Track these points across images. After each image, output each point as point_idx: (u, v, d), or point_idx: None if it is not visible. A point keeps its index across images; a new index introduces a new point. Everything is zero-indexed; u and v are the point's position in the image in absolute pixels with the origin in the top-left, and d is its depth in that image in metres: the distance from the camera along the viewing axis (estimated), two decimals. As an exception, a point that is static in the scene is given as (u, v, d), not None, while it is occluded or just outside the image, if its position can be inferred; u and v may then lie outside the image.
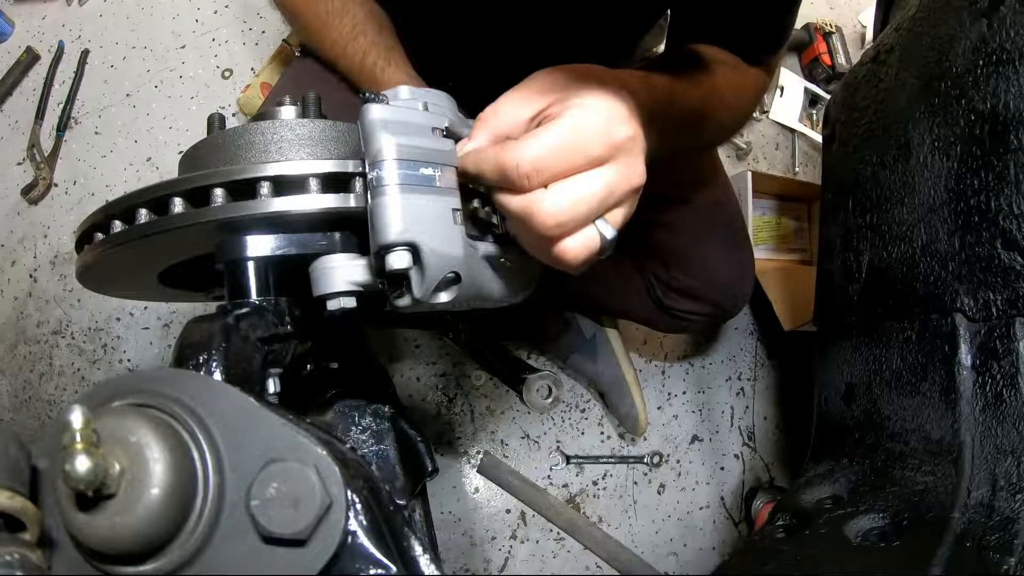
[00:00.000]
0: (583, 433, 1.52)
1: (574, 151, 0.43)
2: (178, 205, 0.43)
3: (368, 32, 0.81)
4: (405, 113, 0.43)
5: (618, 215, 0.46)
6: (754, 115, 1.70)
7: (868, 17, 1.67)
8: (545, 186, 0.43)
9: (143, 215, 0.44)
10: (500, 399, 1.50)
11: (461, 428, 1.49)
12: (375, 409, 0.57)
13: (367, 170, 0.41)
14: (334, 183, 0.43)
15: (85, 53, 1.58)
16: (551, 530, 1.45)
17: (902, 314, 0.76)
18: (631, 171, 0.45)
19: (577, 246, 0.45)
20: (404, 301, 0.43)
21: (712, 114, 0.68)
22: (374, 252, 0.41)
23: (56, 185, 1.54)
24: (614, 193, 0.45)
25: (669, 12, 0.88)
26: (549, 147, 0.42)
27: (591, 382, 1.50)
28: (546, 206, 0.43)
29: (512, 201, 0.44)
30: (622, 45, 1.03)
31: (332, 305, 0.46)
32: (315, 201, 0.42)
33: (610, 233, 0.46)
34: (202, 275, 0.57)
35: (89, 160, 1.55)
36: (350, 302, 0.46)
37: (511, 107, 0.46)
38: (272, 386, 0.47)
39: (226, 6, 1.64)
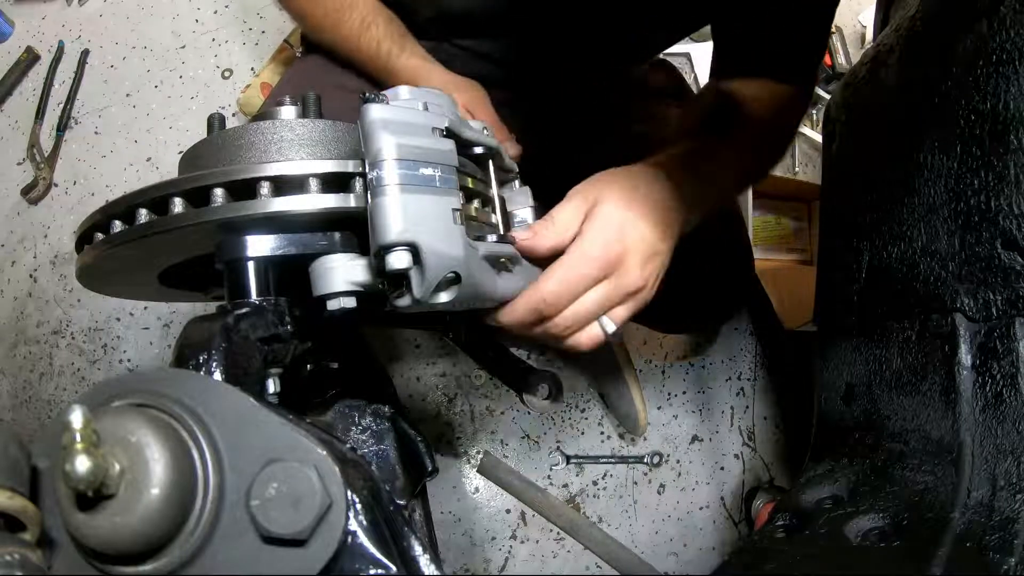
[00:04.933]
0: (583, 433, 1.52)
1: (576, 283, 0.53)
2: (178, 205, 0.43)
3: (379, 23, 0.83)
4: (405, 113, 0.43)
5: (619, 312, 0.57)
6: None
7: (868, 17, 1.67)
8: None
9: (143, 215, 0.44)
10: (500, 399, 1.50)
11: (461, 428, 1.49)
12: (375, 409, 0.57)
13: (367, 170, 0.40)
14: (334, 183, 0.43)
15: (85, 53, 1.58)
16: (551, 530, 1.45)
17: (902, 314, 0.76)
18: (625, 280, 0.55)
19: (582, 340, 0.57)
20: (404, 301, 0.43)
21: (760, 159, 0.83)
22: (374, 252, 0.41)
23: (56, 185, 1.54)
24: (611, 299, 0.55)
25: (712, 38, 0.88)
26: (558, 282, 0.53)
27: (591, 382, 1.50)
28: (556, 318, 0.54)
29: None
30: (637, 50, 1.02)
31: (332, 305, 0.46)
32: (315, 201, 0.42)
33: (611, 327, 0.57)
34: (202, 275, 0.57)
35: (89, 160, 1.55)
36: (350, 302, 0.46)
37: (563, 222, 0.56)
38: (272, 386, 0.47)
39: (226, 6, 1.64)
